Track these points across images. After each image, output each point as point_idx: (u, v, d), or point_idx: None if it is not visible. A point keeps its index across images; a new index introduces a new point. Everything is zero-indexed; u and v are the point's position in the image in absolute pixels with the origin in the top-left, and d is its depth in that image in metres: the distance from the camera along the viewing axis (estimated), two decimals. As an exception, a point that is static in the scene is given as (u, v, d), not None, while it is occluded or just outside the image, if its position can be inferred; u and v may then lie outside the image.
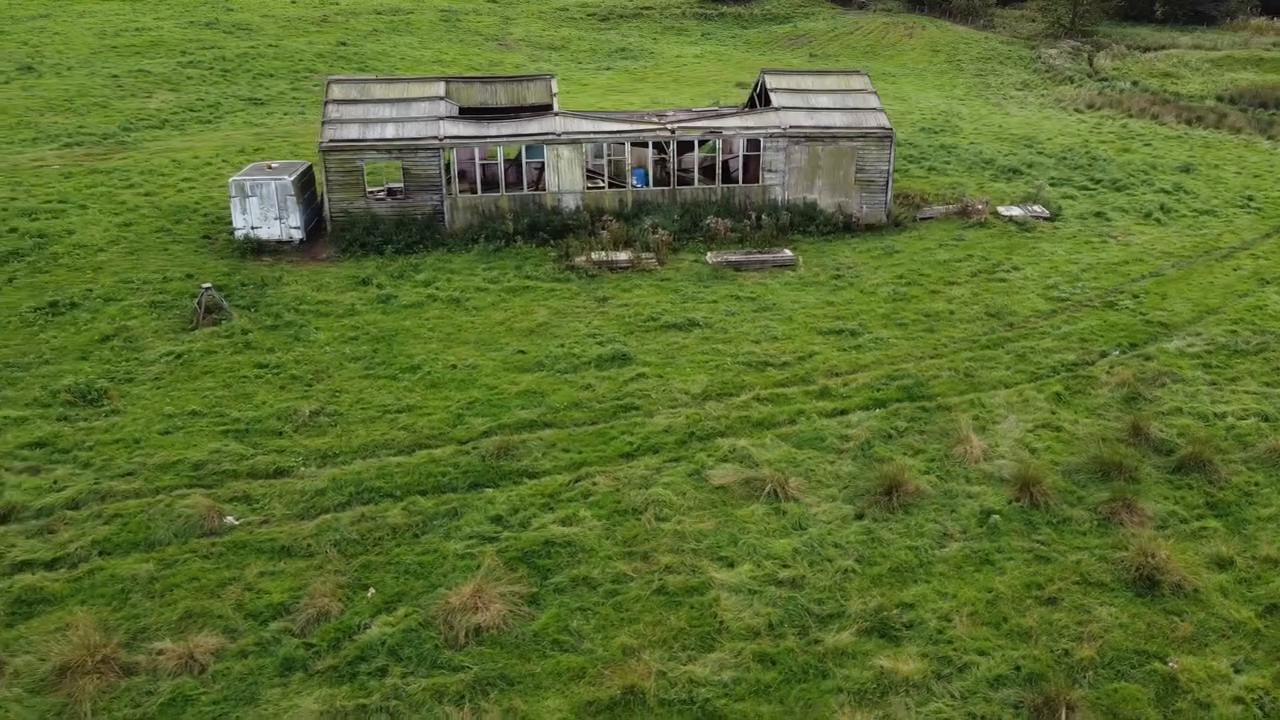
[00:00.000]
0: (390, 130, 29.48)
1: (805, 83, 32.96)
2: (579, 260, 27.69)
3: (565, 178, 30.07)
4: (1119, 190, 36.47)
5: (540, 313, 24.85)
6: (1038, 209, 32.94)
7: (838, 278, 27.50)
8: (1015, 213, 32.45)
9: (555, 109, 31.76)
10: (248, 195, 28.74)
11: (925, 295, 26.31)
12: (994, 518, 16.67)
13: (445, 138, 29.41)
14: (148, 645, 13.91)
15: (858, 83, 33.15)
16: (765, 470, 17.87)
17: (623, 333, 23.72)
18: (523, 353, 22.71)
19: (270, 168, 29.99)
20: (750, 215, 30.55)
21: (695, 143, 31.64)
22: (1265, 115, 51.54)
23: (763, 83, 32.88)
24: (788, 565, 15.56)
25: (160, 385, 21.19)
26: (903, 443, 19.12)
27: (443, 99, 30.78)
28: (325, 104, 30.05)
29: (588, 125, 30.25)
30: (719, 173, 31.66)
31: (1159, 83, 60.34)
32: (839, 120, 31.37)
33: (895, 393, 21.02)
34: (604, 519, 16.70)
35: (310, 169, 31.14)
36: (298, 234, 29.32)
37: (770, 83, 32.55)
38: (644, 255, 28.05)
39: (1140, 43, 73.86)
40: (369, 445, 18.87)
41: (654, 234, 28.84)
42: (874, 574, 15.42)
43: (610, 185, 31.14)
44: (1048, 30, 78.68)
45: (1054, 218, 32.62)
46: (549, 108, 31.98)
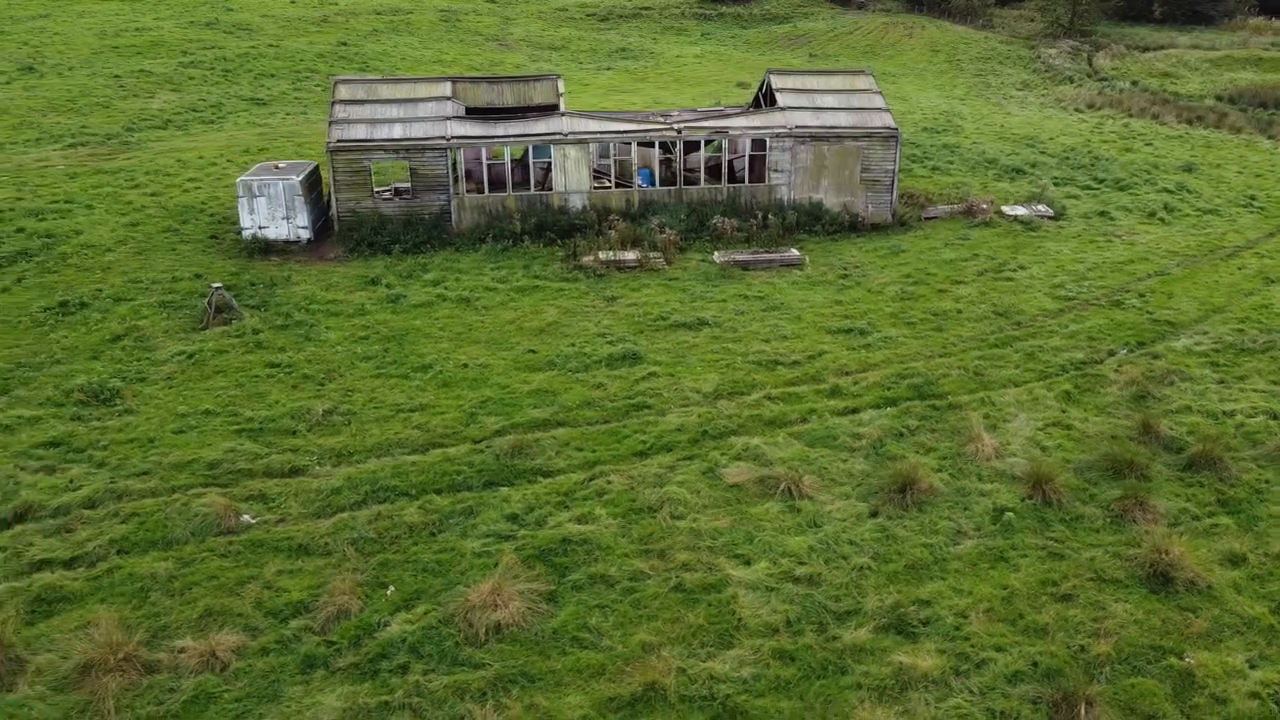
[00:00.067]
0: (398, 130, 29.53)
1: (810, 82, 33.05)
2: (586, 260, 27.75)
3: (572, 177, 30.14)
4: (1122, 190, 36.61)
5: (549, 312, 24.91)
6: (1042, 208, 33.06)
7: (845, 277, 27.60)
8: (1020, 212, 32.56)
9: (562, 109, 31.81)
10: (255, 195, 28.77)
11: (932, 294, 26.41)
12: (1007, 515, 16.77)
13: (453, 138, 29.46)
14: (169, 643, 13.97)
15: (863, 82, 33.25)
16: (779, 468, 17.96)
17: (632, 332, 23.79)
18: (533, 352, 22.78)
19: (277, 168, 30.03)
20: (756, 215, 30.63)
21: (701, 142, 31.71)
22: (1265, 115, 51.71)
23: (768, 82, 32.96)
24: (804, 563, 15.65)
25: (173, 385, 21.23)
26: (914, 441, 19.21)
27: (449, 99, 30.83)
28: (332, 104, 30.09)
29: (594, 125, 30.32)
30: (725, 172, 31.72)
31: (1158, 82, 60.53)
32: (844, 120, 31.46)
33: (906, 391, 21.12)
34: (619, 517, 16.78)
35: (317, 169, 31.17)
36: (305, 234, 29.37)
37: (776, 82, 32.63)
38: (651, 255, 28.11)
39: (1139, 42, 74.07)
40: (383, 444, 18.93)
41: (661, 233, 28.91)
42: (890, 571, 15.51)
43: (617, 185, 31.21)
44: (1046, 30, 78.87)
45: (1058, 217, 32.74)
46: (555, 108, 32.03)
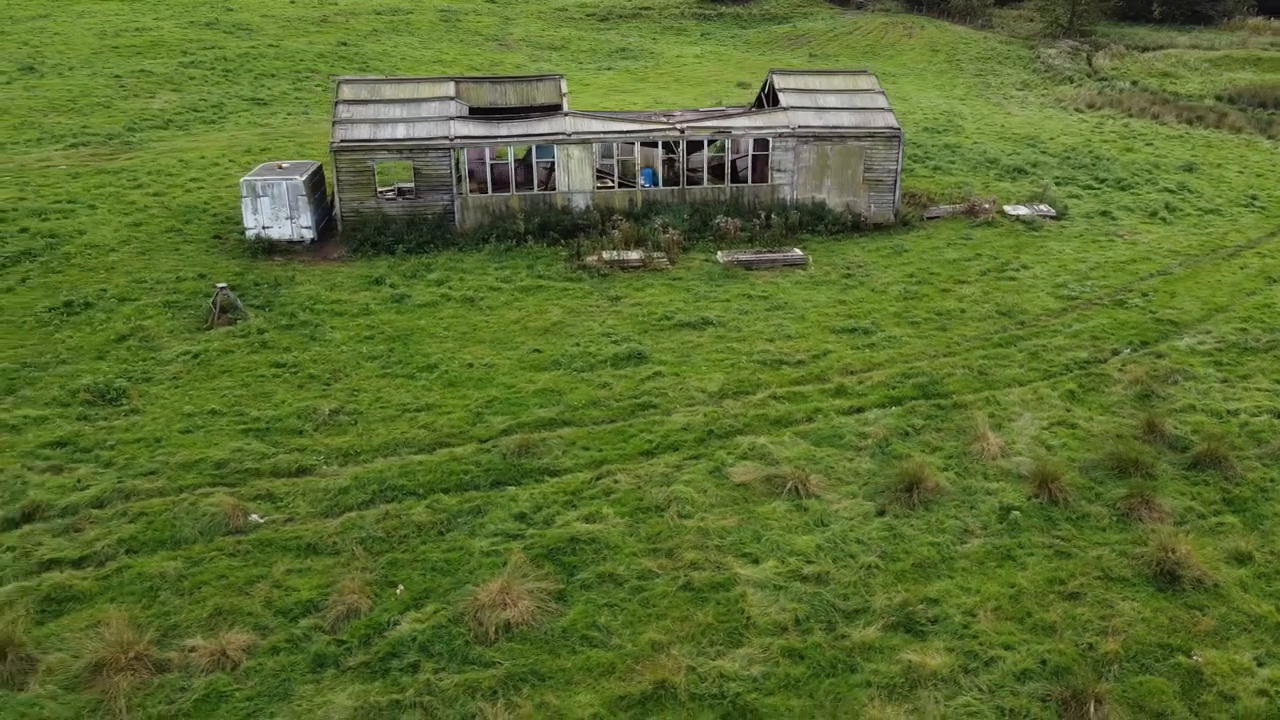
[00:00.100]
0: (401, 130, 29.55)
1: (813, 83, 33.10)
2: (590, 259, 27.78)
3: (575, 177, 30.17)
4: (1123, 189, 36.68)
5: (554, 312, 24.95)
6: (1044, 208, 33.12)
7: (848, 277, 27.64)
8: (1022, 212, 32.62)
9: (565, 109, 31.84)
10: (259, 195, 28.79)
11: (936, 294, 26.45)
12: (1014, 514, 16.82)
13: (456, 138, 29.49)
14: (179, 642, 14.00)
15: (865, 82, 33.30)
16: (785, 468, 18.00)
17: (637, 331, 23.83)
18: (538, 351, 22.81)
19: (281, 168, 30.04)
20: (759, 215, 30.67)
21: (705, 142, 31.74)
22: (1265, 115, 51.79)
23: (771, 82, 33.01)
24: (811, 561, 15.69)
25: (179, 385, 21.25)
26: (920, 440, 19.26)
27: (453, 99, 30.86)
28: (336, 104, 30.10)
29: (597, 125, 30.35)
30: (728, 172, 31.78)
31: (1158, 82, 60.62)
32: (847, 120, 31.51)
33: (910, 390, 21.18)
34: (627, 516, 16.82)
35: (320, 169, 31.19)
36: (309, 234, 29.39)
37: (778, 83, 32.68)
38: (655, 254, 28.15)
39: (1138, 42, 74.18)
40: (390, 444, 18.96)
41: (664, 233, 28.94)
42: (897, 570, 15.56)
43: (620, 185, 31.24)
44: (1046, 30, 78.97)
45: (1060, 217, 32.80)
46: (558, 108, 32.05)
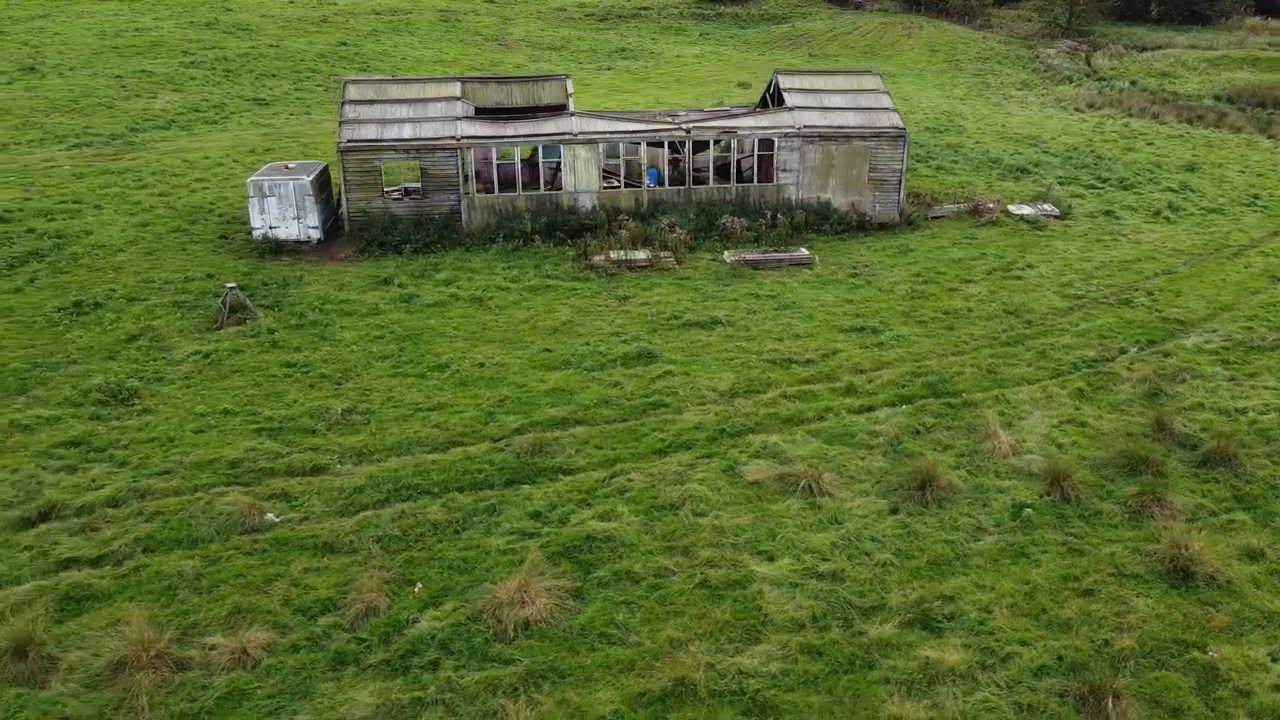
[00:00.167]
0: (408, 130, 29.60)
1: (818, 83, 33.20)
2: (597, 259, 27.85)
3: (582, 177, 30.24)
4: (1126, 189, 36.82)
5: (563, 311, 25.00)
6: (1048, 207, 33.24)
7: (855, 276, 27.74)
8: (1026, 211, 32.74)
9: (571, 109, 31.90)
10: (266, 195, 28.82)
11: (943, 293, 26.55)
12: (1027, 511, 16.92)
13: (463, 138, 29.54)
14: (199, 640, 14.04)
15: (870, 82, 33.40)
16: (798, 466, 18.09)
17: (646, 331, 23.90)
18: (548, 351, 22.87)
19: (288, 168, 30.08)
20: (765, 214, 30.76)
21: (710, 142, 31.82)
22: (1264, 114, 51.97)
23: (776, 82, 33.10)
24: (827, 559, 15.77)
25: (190, 384, 21.29)
26: (931, 438, 19.35)
27: (459, 99, 30.91)
28: (342, 104, 30.14)
29: (604, 125, 30.42)
30: (734, 172, 31.86)
31: (1157, 82, 60.81)
32: (852, 120, 31.61)
33: (920, 389, 21.27)
34: (642, 514, 16.88)
35: (326, 169, 31.23)
36: (316, 234, 29.42)
37: (783, 83, 32.77)
38: (662, 254, 28.22)
39: (1136, 42, 74.38)
40: (403, 443, 19.01)
41: (671, 233, 29.01)
42: (912, 567, 15.64)
43: (626, 185, 31.30)
44: (1044, 30, 79.14)
45: (1064, 216, 32.92)
46: (564, 107, 32.13)
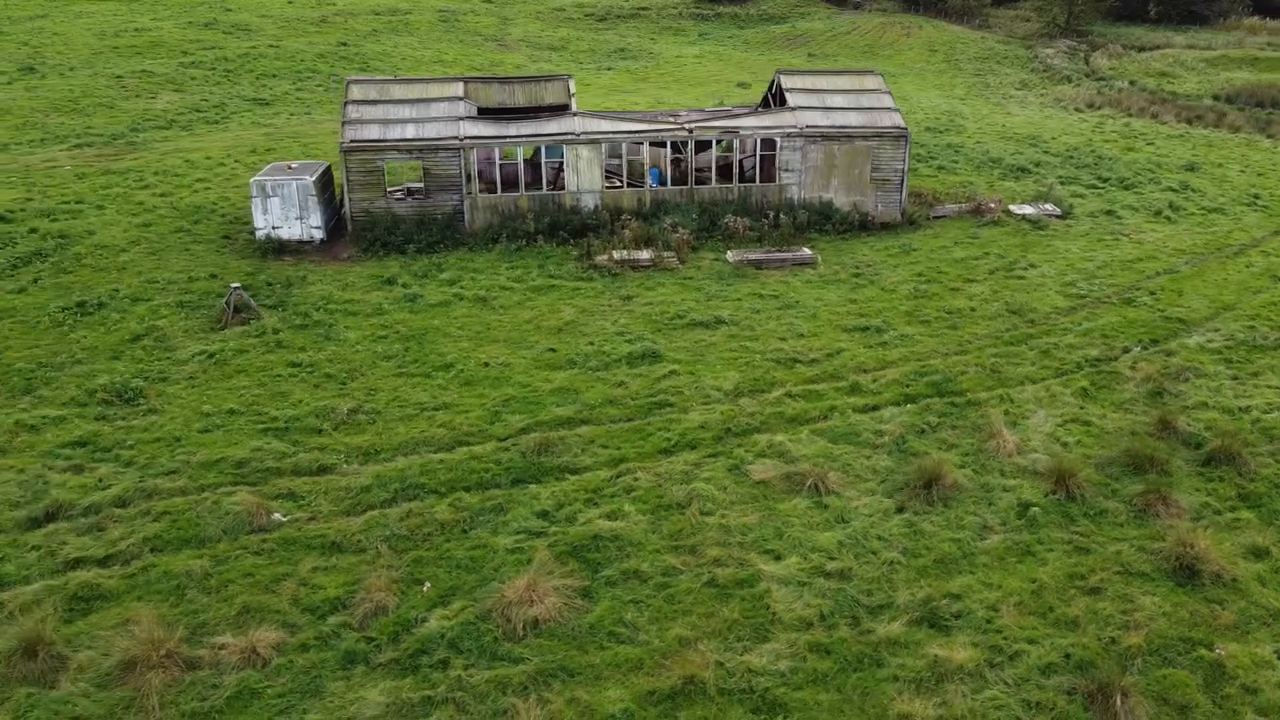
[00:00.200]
0: (411, 130, 29.62)
1: (820, 83, 33.25)
2: (600, 259, 27.88)
3: (584, 177, 30.26)
4: (1127, 189, 36.89)
5: (567, 311, 25.03)
6: (1050, 207, 33.31)
7: (858, 276, 27.78)
8: (1028, 211, 32.80)
9: (573, 109, 31.93)
10: (269, 195, 28.83)
11: (945, 293, 26.60)
12: (1032, 510, 16.96)
13: (466, 138, 29.57)
14: (209, 640, 14.06)
15: (872, 82, 33.46)
16: (804, 465, 18.13)
17: (650, 330, 23.93)
18: (553, 350, 22.90)
19: (290, 168, 30.09)
20: (767, 214, 30.80)
21: (713, 142, 31.86)
22: (1263, 114, 52.07)
23: (778, 82, 33.15)
24: (834, 558, 15.81)
25: (195, 384, 21.30)
26: (936, 437, 19.39)
27: (462, 99, 30.93)
28: (345, 104, 30.15)
29: (606, 125, 30.45)
30: (736, 172, 31.89)
31: (1156, 82, 60.90)
32: (854, 120, 31.66)
33: (924, 388, 21.31)
34: (648, 513, 16.92)
35: (329, 169, 31.25)
36: (318, 234, 29.44)
37: (786, 83, 32.82)
38: (665, 254, 28.25)
39: (1135, 42, 74.49)
40: (409, 442, 19.03)
41: (675, 233, 29.04)
42: (919, 566, 15.68)
43: (628, 185, 31.34)
44: (1043, 30, 79.24)
45: (1066, 216, 32.99)
46: (566, 107, 32.16)
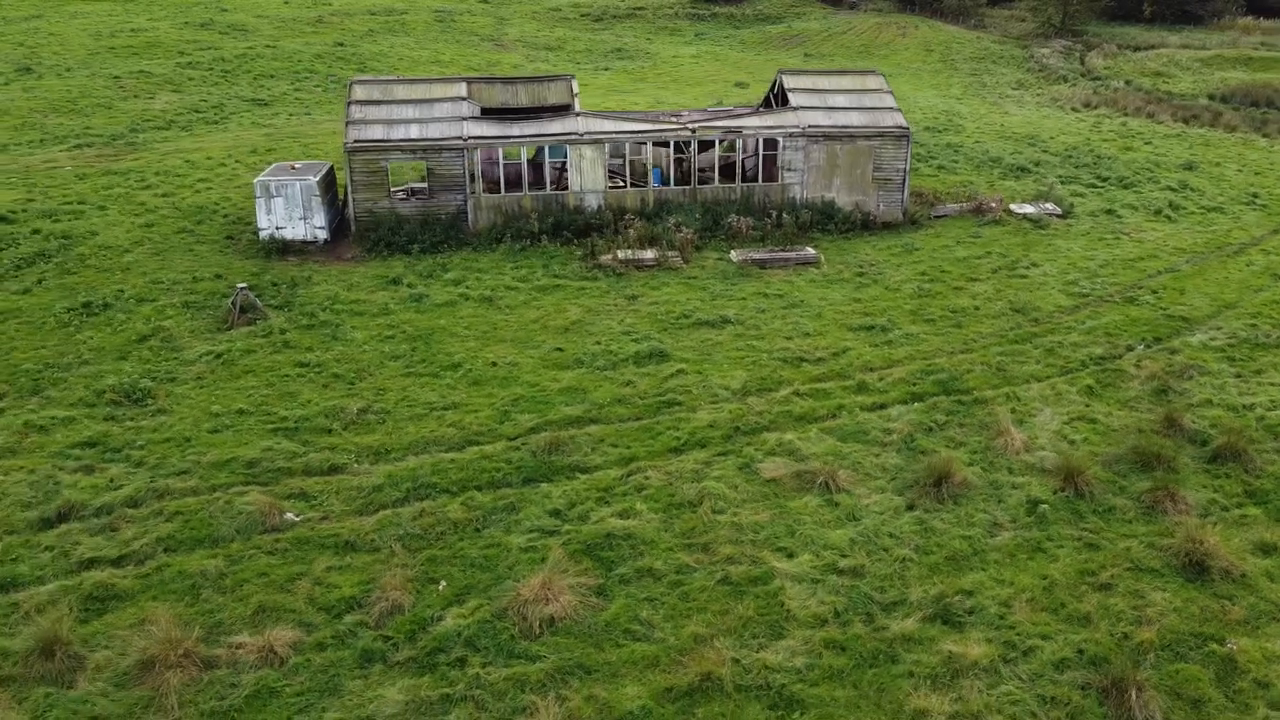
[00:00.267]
0: (414, 130, 29.64)
1: (822, 83, 33.35)
2: (605, 259, 27.94)
3: (588, 177, 30.32)
4: (1126, 188, 37.06)
5: (573, 311, 25.09)
6: (1050, 206, 33.45)
7: (861, 275, 27.88)
8: (1029, 210, 32.95)
9: (576, 109, 31.98)
10: (273, 196, 28.84)
11: (949, 291, 26.72)
12: (1042, 507, 17.07)
13: (470, 138, 29.60)
14: (226, 639, 14.09)
15: (873, 82, 33.58)
16: (814, 463, 18.21)
17: (657, 330, 24.00)
18: (560, 350, 22.95)
19: (294, 168, 30.10)
20: (770, 214, 30.89)
21: (715, 142, 31.94)
22: (1258, 114, 52.31)
23: (780, 82, 33.25)
24: (846, 555, 15.89)
25: (204, 385, 21.31)
26: (944, 435, 19.50)
27: (465, 99, 30.96)
28: (349, 104, 30.17)
29: (609, 125, 30.51)
30: (739, 172, 31.97)
31: (1151, 81, 61.12)
32: (856, 119, 31.77)
33: (931, 387, 21.42)
34: (660, 512, 16.98)
35: (332, 169, 31.26)
36: (322, 234, 29.45)
37: (788, 83, 32.92)
38: (669, 253, 28.31)
39: (1130, 42, 74.74)
40: (420, 442, 19.08)
41: (678, 232, 29.11)
42: (931, 563, 15.78)
43: (631, 185, 31.40)
44: (1038, 30, 79.46)
45: (1066, 215, 33.13)
46: (569, 108, 32.20)
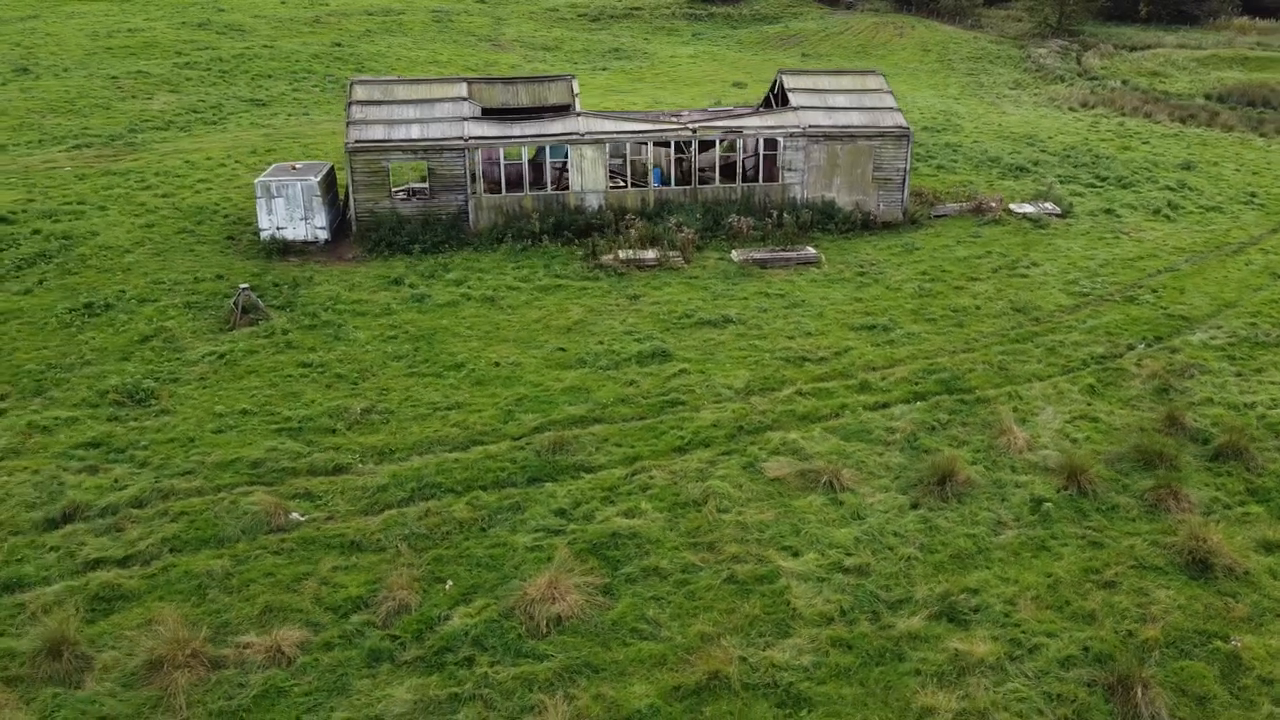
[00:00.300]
0: (415, 131, 29.65)
1: (822, 83, 33.40)
2: (606, 258, 27.96)
3: (589, 177, 30.35)
4: (1125, 187, 37.15)
5: (575, 310, 25.11)
6: (1050, 206, 33.53)
7: (862, 275, 27.93)
8: (1029, 210, 33.02)
9: (577, 109, 32.00)
10: (274, 196, 28.84)
11: (950, 291, 26.78)
12: (1045, 505, 17.13)
13: (471, 138, 29.61)
14: (233, 639, 14.11)
15: (873, 82, 33.63)
16: (818, 462, 18.26)
17: (659, 330, 24.03)
18: (563, 350, 22.98)
19: (294, 169, 30.10)
20: (770, 214, 30.93)
21: (716, 142, 31.98)
22: (1255, 113, 52.45)
23: (780, 82, 33.30)
24: (851, 554, 15.95)
25: (207, 385, 21.31)
26: (947, 434, 19.55)
27: (466, 100, 30.98)
28: (349, 105, 30.17)
29: (610, 125, 30.53)
30: (740, 172, 32.01)
31: (1148, 81, 61.24)
32: (857, 119, 31.82)
33: (933, 386, 21.47)
34: (665, 511, 17.02)
35: (332, 169, 31.26)
36: (323, 234, 29.45)
37: (788, 83, 32.98)
38: (670, 253, 28.34)
39: (1126, 42, 74.90)
40: (424, 442, 19.09)
41: (679, 232, 29.14)
42: (936, 561, 15.83)
43: (632, 185, 31.43)
44: (1034, 30, 79.56)
45: (1066, 214, 33.21)
46: (570, 108, 32.23)
